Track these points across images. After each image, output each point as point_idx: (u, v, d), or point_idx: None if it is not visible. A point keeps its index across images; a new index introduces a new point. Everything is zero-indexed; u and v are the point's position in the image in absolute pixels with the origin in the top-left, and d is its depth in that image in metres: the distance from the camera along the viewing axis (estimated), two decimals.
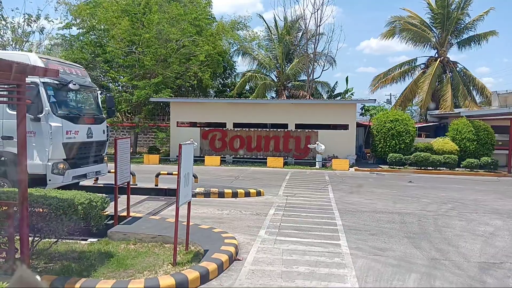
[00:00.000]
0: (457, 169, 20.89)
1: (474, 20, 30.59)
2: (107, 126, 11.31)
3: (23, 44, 22.28)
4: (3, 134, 9.15)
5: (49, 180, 9.16)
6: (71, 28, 26.23)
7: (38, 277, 1.34)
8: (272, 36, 33.34)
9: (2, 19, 21.82)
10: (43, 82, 9.18)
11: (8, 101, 6.45)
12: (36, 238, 5.70)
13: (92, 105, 11.10)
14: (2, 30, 22.11)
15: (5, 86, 5.02)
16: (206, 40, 25.56)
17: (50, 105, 9.23)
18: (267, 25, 33.59)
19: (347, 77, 35.15)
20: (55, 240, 5.99)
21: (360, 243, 7.58)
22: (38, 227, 5.51)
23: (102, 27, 25.13)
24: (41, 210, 5.56)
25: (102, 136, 10.87)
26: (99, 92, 11.56)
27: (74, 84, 10.34)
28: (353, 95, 33.73)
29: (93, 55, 24.72)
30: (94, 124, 10.53)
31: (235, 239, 7.21)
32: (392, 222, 9.37)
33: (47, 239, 5.91)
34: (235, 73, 35.43)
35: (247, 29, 32.32)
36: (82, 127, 9.94)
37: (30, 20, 21.99)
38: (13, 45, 21.96)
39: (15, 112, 8.81)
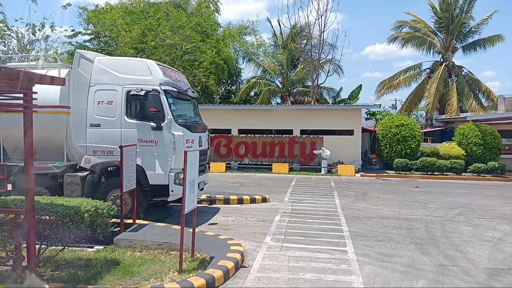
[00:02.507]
0: (463, 174, 20.74)
1: (478, 23, 30.48)
2: (208, 134, 11.00)
3: (29, 52, 22.50)
4: (122, 144, 8.78)
5: (172, 190, 8.82)
6: (77, 36, 26.54)
7: (46, 286, 1.35)
8: (278, 42, 33.43)
9: (7, 28, 22.08)
10: (164, 90, 8.99)
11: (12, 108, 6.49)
12: (43, 246, 5.72)
13: (196, 112, 10.78)
14: (7, 40, 22.38)
15: (14, 95, 5.06)
16: (211, 46, 25.70)
17: (172, 113, 8.98)
18: (274, 30, 33.67)
19: (360, 85, 34.88)
20: (62, 247, 6.01)
21: (367, 250, 7.53)
22: (45, 235, 5.54)
23: (108, 34, 25.37)
24: (48, 218, 5.59)
25: (206, 144, 10.57)
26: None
27: (193, 92, 10.14)
28: (358, 100, 33.65)
29: None
30: (203, 132, 10.28)
31: (241, 246, 7.19)
32: (399, 228, 9.30)
33: (53, 247, 5.92)
34: (240, 80, 35.52)
35: (255, 33, 32.41)
36: (196, 136, 9.66)
37: (34, 30, 22.23)
38: (19, 54, 22.18)
39: (134, 121, 8.93)
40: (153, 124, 8.79)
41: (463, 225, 9.73)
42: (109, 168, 9.24)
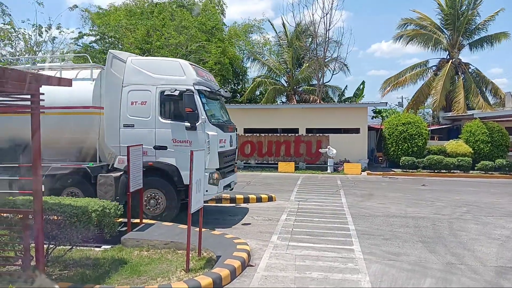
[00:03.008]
0: (471, 171, 20.60)
1: (485, 21, 30.22)
2: (237, 134, 11.01)
3: (36, 54, 22.66)
4: (156, 144, 8.94)
5: (206, 190, 8.56)
6: (83, 38, 26.69)
7: (56, 287, 1.37)
8: (282, 41, 33.36)
9: (14, 30, 22.23)
10: (197, 90, 8.98)
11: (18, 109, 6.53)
12: (51, 246, 5.77)
13: (225, 112, 10.77)
14: (14, 42, 22.53)
15: (22, 96, 5.10)
16: (216, 46, 25.73)
17: (206, 113, 8.98)
18: (276, 32, 33.62)
19: (363, 82, 34.80)
20: (70, 247, 6.06)
21: (374, 248, 7.51)
22: (53, 235, 5.58)
23: (113, 34, 25.49)
24: (56, 218, 5.63)
25: (235, 144, 10.58)
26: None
27: (226, 91, 10.07)
28: (363, 97, 33.52)
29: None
30: (233, 132, 10.32)
31: (247, 245, 7.21)
32: (406, 227, 9.26)
33: (61, 247, 5.97)
34: (245, 79, 35.50)
35: (261, 31, 32.34)
36: (227, 135, 9.67)
37: (41, 31, 22.36)
38: (26, 56, 22.34)
39: (169, 121, 8.93)
40: (187, 124, 8.77)
41: (470, 223, 9.67)
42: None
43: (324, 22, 27.57)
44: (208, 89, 9.44)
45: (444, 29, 31.09)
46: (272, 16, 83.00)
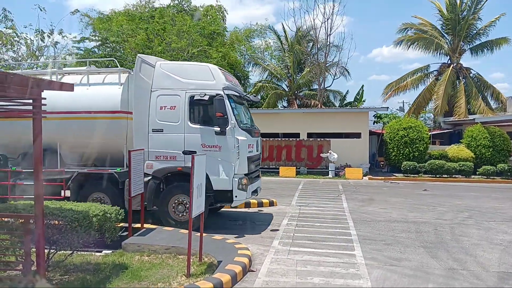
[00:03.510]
0: (473, 176, 20.55)
1: (486, 26, 30.28)
2: (261, 139, 10.92)
3: (39, 58, 22.75)
4: (185, 149, 8.81)
5: (235, 196, 8.74)
6: (85, 42, 26.78)
7: None
8: (283, 46, 33.44)
9: (16, 35, 22.32)
10: (227, 95, 8.90)
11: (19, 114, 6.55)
12: (52, 250, 5.76)
13: (250, 117, 10.59)
14: (16, 46, 22.61)
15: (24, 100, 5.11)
16: (216, 51, 25.79)
17: (235, 118, 8.92)
18: (278, 36, 33.65)
19: (362, 86, 34.85)
20: (71, 252, 6.05)
21: (375, 253, 7.48)
22: (54, 239, 5.57)
23: (115, 39, 25.57)
24: (57, 223, 5.62)
25: (260, 149, 10.55)
26: None
27: (255, 96, 9.96)
28: (364, 101, 33.54)
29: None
30: (259, 137, 10.28)
31: (249, 250, 7.19)
32: (407, 232, 9.23)
33: (62, 251, 5.96)
34: (247, 83, 35.54)
35: (263, 35, 32.42)
36: (254, 140, 9.63)
37: (43, 36, 22.45)
38: (28, 61, 22.42)
39: (198, 126, 8.83)
40: (217, 129, 8.71)
41: (472, 228, 9.64)
42: (170, 174, 9.07)
43: (325, 27, 27.69)
44: (237, 94, 9.41)
45: (445, 34, 31.16)
46: (274, 21, 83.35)
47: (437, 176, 20.58)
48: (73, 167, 9.28)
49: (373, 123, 29.23)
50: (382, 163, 24.41)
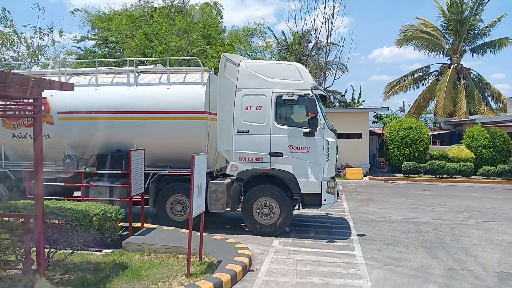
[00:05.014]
0: (473, 177, 20.56)
1: (487, 26, 30.24)
2: None
3: (39, 58, 22.73)
4: (271, 150, 8.53)
5: (324, 200, 8.45)
6: (86, 41, 26.74)
7: None
8: (283, 47, 33.44)
9: (16, 35, 22.29)
10: (315, 94, 8.60)
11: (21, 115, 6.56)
12: (52, 250, 5.76)
13: (327, 117, 10.13)
14: (17, 46, 22.58)
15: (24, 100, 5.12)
16: (216, 50, 25.77)
17: (324, 118, 8.64)
18: (276, 38, 33.68)
19: (360, 88, 34.83)
20: (71, 251, 6.05)
21: (375, 253, 7.48)
22: (54, 239, 5.57)
23: (115, 39, 25.55)
24: (57, 222, 5.63)
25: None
26: None
27: (342, 96, 9.62)
28: (364, 102, 33.54)
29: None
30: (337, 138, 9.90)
31: (249, 249, 7.19)
32: (407, 232, 9.23)
33: (63, 251, 5.97)
34: None
35: (263, 35, 32.38)
36: (337, 142, 9.18)
37: (42, 34, 22.40)
38: (28, 60, 22.41)
39: (285, 127, 8.54)
40: (305, 130, 8.43)
41: (473, 229, 9.64)
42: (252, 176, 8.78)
43: (325, 28, 27.68)
44: (323, 93, 9.10)
45: (446, 35, 31.15)
46: (275, 22, 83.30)
47: (437, 176, 20.58)
48: (152, 169, 8.98)
49: (373, 123, 29.21)
50: (383, 163, 24.41)
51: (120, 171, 8.73)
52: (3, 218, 5.63)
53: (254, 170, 8.70)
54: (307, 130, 8.44)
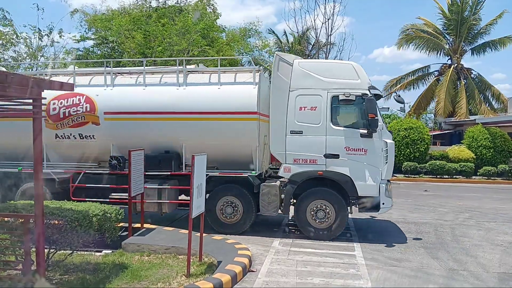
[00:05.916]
0: (473, 177, 20.54)
1: (487, 25, 30.14)
2: None
3: (39, 58, 22.72)
4: (327, 152, 8.29)
5: (383, 203, 8.17)
6: (85, 41, 26.72)
7: None
8: (283, 46, 33.41)
9: (15, 33, 22.27)
10: (373, 94, 8.35)
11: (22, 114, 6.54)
12: (52, 250, 5.75)
13: None
14: (17, 46, 22.56)
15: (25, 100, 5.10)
16: (215, 51, 25.75)
17: (382, 119, 8.40)
18: (279, 38, 33.65)
19: None
20: (71, 252, 6.04)
21: (376, 254, 7.47)
22: (53, 239, 5.56)
23: (114, 39, 25.54)
24: (57, 222, 5.62)
25: None
26: None
27: (399, 96, 9.44)
28: None
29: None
30: None
31: (249, 250, 7.18)
32: (408, 232, 9.22)
33: (62, 251, 5.96)
34: None
35: (259, 35, 32.33)
36: None
37: (41, 35, 22.38)
38: (29, 60, 22.40)
39: (341, 128, 8.27)
40: (362, 131, 8.18)
41: (473, 229, 9.62)
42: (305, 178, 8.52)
43: (326, 28, 27.65)
44: (379, 93, 8.93)
45: (446, 35, 31.12)
46: (275, 22, 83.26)
47: (437, 176, 20.56)
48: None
49: None
50: None
51: (169, 173, 8.66)
52: (3, 218, 5.62)
53: (308, 172, 8.44)
54: (365, 131, 8.18)
